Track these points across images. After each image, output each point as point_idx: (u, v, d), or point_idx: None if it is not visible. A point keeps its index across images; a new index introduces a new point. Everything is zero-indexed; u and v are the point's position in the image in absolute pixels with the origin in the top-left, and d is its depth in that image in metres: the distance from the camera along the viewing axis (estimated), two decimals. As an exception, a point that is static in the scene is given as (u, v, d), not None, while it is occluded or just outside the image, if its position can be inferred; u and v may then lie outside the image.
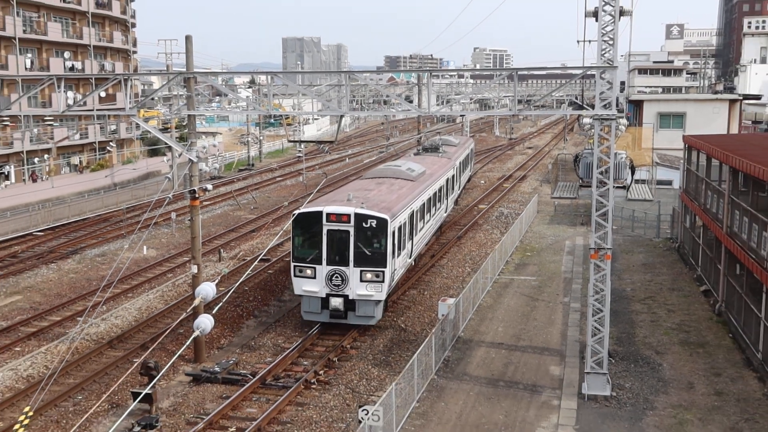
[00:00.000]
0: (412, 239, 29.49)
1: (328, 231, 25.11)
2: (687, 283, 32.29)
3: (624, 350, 24.16)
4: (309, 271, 25.24)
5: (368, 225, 24.88)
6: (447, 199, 40.62)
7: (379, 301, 25.17)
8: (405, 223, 27.82)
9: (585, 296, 26.32)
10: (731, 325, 25.77)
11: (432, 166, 38.37)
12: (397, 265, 26.27)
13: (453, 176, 43.36)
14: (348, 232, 24.97)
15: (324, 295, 25.12)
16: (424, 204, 31.97)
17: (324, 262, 25.12)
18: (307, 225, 25.40)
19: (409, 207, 28.65)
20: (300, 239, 25.80)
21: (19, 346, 25.59)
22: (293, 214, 25.77)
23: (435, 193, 35.24)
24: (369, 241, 25.05)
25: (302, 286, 25.38)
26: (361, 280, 24.89)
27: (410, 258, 29.76)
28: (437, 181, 36.08)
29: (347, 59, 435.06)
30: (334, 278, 24.95)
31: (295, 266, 25.51)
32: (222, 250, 38.00)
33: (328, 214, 25.14)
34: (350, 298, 24.91)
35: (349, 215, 24.85)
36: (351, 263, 24.87)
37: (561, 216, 48.07)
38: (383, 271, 24.88)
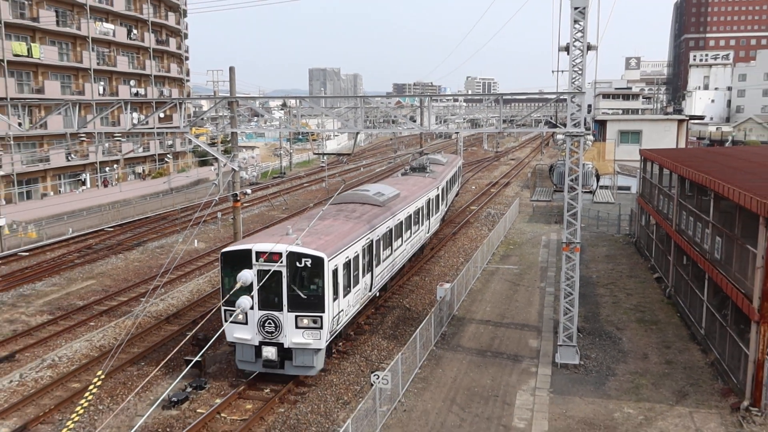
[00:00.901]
0: (371, 271, 23.46)
1: (259, 272, 18.69)
2: (642, 271, 32.15)
3: (590, 326, 24.09)
4: (240, 316, 19.10)
5: (303, 264, 18.78)
6: (429, 219, 34.11)
7: (318, 349, 19.10)
8: (357, 257, 21.61)
9: (558, 282, 26.26)
10: (679, 306, 25.66)
11: (412, 187, 32.64)
12: (342, 305, 20.30)
13: (438, 196, 36.66)
14: (280, 272, 18.78)
15: (257, 343, 19.20)
16: (392, 230, 25.89)
17: (256, 306, 18.99)
18: (237, 264, 18.89)
19: (365, 237, 22.40)
20: (229, 280, 19.15)
21: (93, 321, 25.73)
22: (221, 253, 19.86)
23: (410, 216, 29.13)
24: (304, 283, 19.05)
25: (233, 332, 19.34)
26: (297, 327, 18.91)
27: (370, 291, 23.59)
28: (413, 204, 29.82)
29: (362, 86, 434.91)
30: (266, 324, 19.04)
31: (225, 310, 19.15)
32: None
33: (257, 253, 18.93)
34: (285, 346, 19.00)
35: (280, 254, 18.52)
36: (285, 308, 18.91)
37: (538, 216, 47.92)
38: (321, 317, 18.84)
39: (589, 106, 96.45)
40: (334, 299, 19.52)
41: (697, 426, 16.81)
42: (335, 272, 19.46)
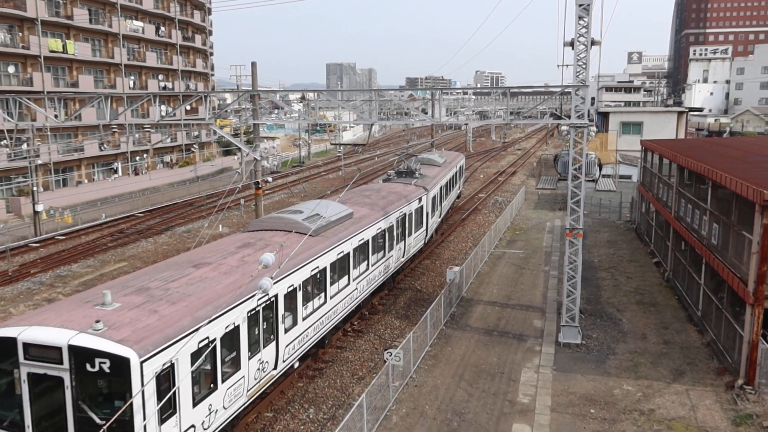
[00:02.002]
0: (276, 340, 15.28)
1: (30, 376, 10.69)
2: (642, 256, 31.92)
3: (592, 308, 23.99)
4: None
5: (98, 368, 10.36)
6: (404, 240, 25.94)
7: None
8: (234, 332, 13.22)
9: (561, 266, 26.13)
10: (677, 290, 25.48)
11: (381, 201, 24.98)
12: (196, 418, 12.04)
13: (421, 208, 28.43)
14: (61, 379, 10.51)
15: None
16: (325, 270, 18.19)
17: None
18: None
19: (262, 295, 14.26)
20: None
21: (125, 301, 25.91)
22: None
23: (364, 245, 21.14)
24: (100, 400, 10.76)
25: None
26: None
27: (276, 368, 15.56)
28: (373, 225, 21.98)
29: (376, 80, 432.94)
30: None
31: None
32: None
33: (26, 345, 10.65)
34: None
35: (60, 349, 10.40)
36: None
37: (543, 203, 47.67)
38: None
39: (593, 98, 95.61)
40: (167, 418, 11.20)
41: (693, 403, 16.73)
42: (165, 378, 11.11)
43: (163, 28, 66.50)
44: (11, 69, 47.40)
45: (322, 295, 18.21)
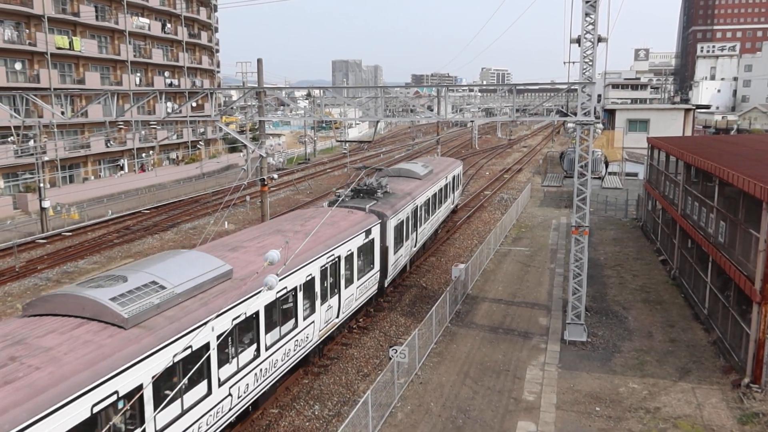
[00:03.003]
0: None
1: None
2: (648, 254, 31.82)
3: (597, 306, 23.94)
4: None
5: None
6: (338, 293, 19.14)
7: None
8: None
9: (567, 263, 26.09)
10: (683, 288, 25.39)
11: (300, 240, 16.70)
12: None
13: (374, 242, 21.77)
14: None
15: None
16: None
17: None
18: None
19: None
20: None
21: (131, 297, 26.01)
22: None
23: (250, 320, 14.18)
24: None
25: None
26: None
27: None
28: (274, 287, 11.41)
29: (382, 77, 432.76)
30: None
31: None
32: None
33: None
34: None
35: None
36: None
37: (549, 200, 47.56)
38: None
39: (599, 95, 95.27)
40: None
41: (699, 401, 16.68)
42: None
43: (169, 25, 66.57)
44: (18, 66, 47.56)
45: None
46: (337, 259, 18.68)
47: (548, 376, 18.16)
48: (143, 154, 61.13)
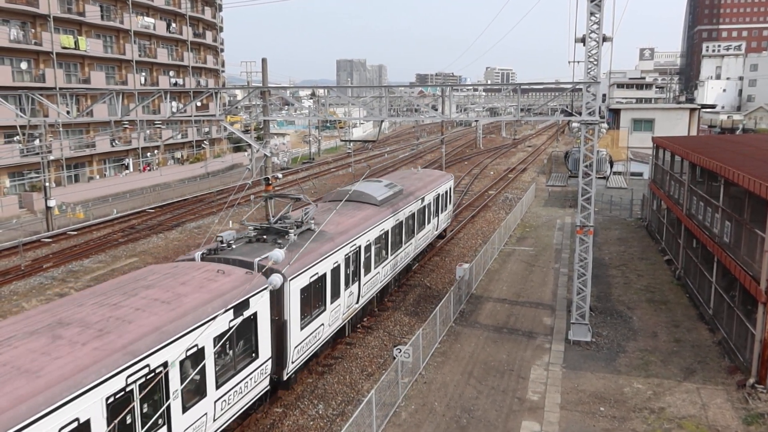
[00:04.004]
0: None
1: None
2: (653, 253, 31.75)
3: (602, 306, 23.89)
4: None
5: None
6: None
7: None
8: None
9: (572, 263, 26.04)
10: (688, 287, 25.32)
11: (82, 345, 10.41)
12: None
13: (242, 324, 13.85)
14: None
15: None
16: None
17: None
18: None
19: None
20: None
21: (136, 296, 26.07)
22: None
23: None
24: None
25: None
26: None
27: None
28: None
29: (387, 76, 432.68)
30: None
31: None
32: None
33: None
34: None
35: None
36: None
37: (553, 200, 47.48)
38: None
39: (604, 95, 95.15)
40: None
41: (704, 401, 16.63)
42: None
43: (174, 25, 66.69)
44: (24, 65, 47.71)
45: None
46: (154, 374, 11.19)
47: (552, 376, 18.13)
48: (148, 154, 61.25)
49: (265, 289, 14.35)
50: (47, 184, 38.34)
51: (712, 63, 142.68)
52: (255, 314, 14.33)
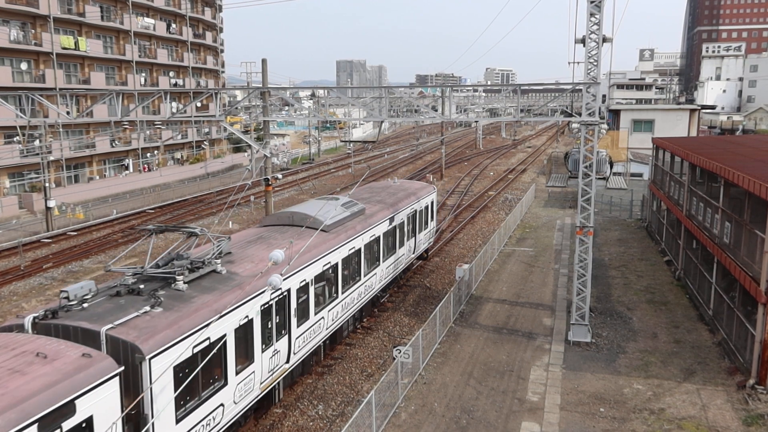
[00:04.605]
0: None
1: None
2: (653, 254, 31.74)
3: (602, 306, 23.88)
4: None
5: None
6: None
7: None
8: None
9: (571, 264, 26.05)
10: (688, 288, 25.32)
11: None
12: None
13: None
14: None
15: None
16: None
17: None
18: None
19: None
20: None
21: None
22: None
23: None
24: None
25: None
26: None
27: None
28: None
29: (386, 77, 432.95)
30: None
31: None
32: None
33: None
34: None
35: None
36: None
37: (553, 201, 47.48)
38: None
39: (604, 96, 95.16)
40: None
41: (704, 402, 16.63)
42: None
43: (174, 25, 66.71)
44: (24, 66, 47.72)
45: None
46: None
47: (552, 376, 18.13)
48: (148, 154, 61.24)
49: (113, 377, 9.97)
50: (47, 184, 38.34)
51: (712, 64, 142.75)
52: (88, 421, 9.60)
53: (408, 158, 74.43)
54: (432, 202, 28.56)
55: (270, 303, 14.83)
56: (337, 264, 18.56)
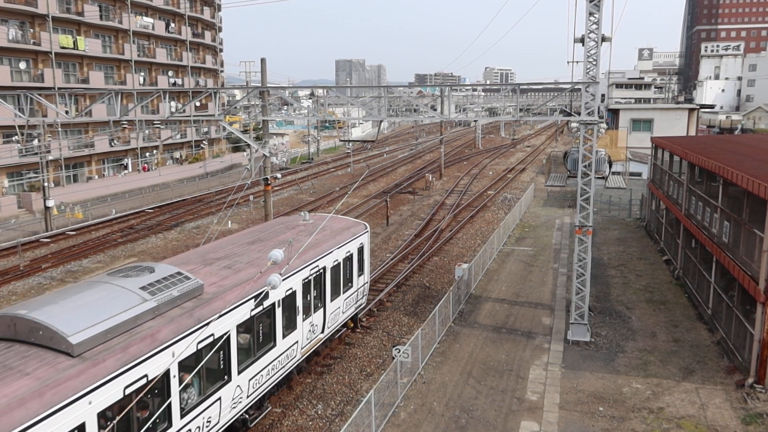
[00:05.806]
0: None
1: None
2: (652, 253, 31.77)
3: (601, 306, 23.90)
4: None
5: None
6: None
7: None
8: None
9: (571, 263, 26.06)
10: (687, 287, 25.34)
11: None
12: None
13: None
14: None
15: None
16: None
17: None
18: None
19: None
20: None
21: (135, 296, 26.06)
22: None
23: None
24: None
25: None
26: None
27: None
28: None
29: (386, 76, 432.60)
30: None
31: None
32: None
33: None
34: None
35: None
36: None
37: (552, 200, 47.50)
38: None
39: (603, 95, 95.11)
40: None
41: (703, 401, 16.65)
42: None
43: (173, 25, 66.65)
44: (22, 65, 47.67)
45: None
46: None
47: (551, 376, 18.14)
48: (147, 154, 61.20)
49: None
50: (46, 184, 38.30)
51: (711, 63, 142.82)
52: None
53: (407, 158, 74.44)
54: (361, 247, 20.39)
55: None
56: (104, 410, 9.89)
